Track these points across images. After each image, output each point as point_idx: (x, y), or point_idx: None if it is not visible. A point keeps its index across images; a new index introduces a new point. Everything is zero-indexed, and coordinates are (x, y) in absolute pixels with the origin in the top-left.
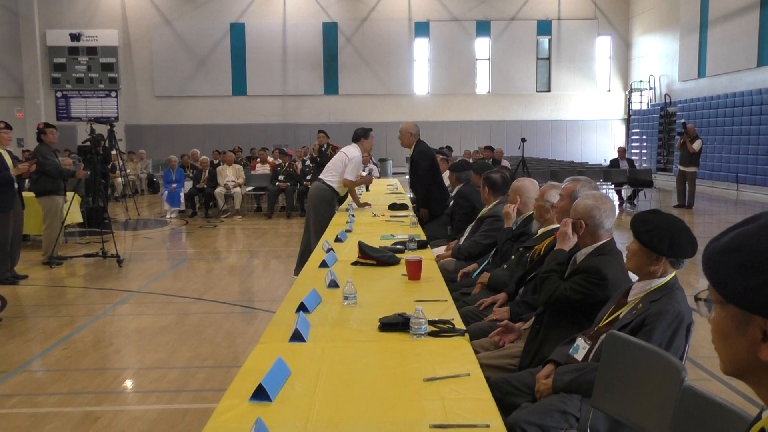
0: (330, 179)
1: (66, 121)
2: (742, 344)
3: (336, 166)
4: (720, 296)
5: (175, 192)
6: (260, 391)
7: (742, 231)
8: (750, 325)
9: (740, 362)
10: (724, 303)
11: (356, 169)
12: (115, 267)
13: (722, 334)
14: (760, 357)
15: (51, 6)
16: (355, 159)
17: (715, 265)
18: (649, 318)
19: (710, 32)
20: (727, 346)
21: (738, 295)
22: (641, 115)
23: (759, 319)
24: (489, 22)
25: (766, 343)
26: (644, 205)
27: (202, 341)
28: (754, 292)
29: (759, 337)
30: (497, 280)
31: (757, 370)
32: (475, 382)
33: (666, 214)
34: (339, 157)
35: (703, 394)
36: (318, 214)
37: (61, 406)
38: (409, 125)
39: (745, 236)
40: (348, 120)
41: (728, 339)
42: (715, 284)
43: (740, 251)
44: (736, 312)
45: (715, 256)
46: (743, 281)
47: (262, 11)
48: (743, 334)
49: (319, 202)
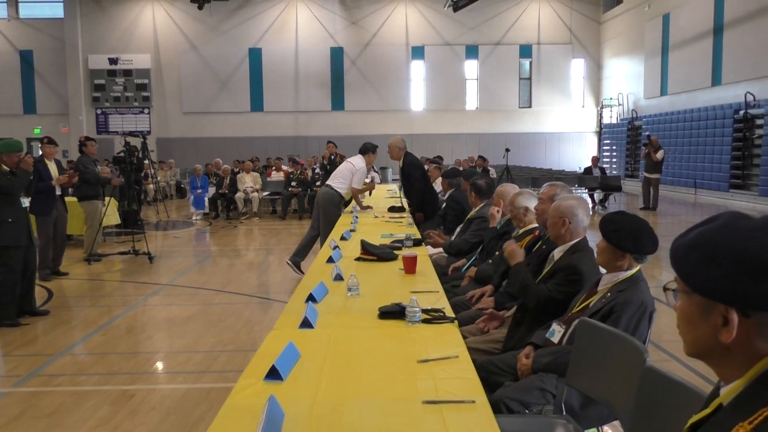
0: (338, 186)
1: (104, 135)
2: (705, 329)
3: (344, 174)
4: (686, 286)
5: (200, 197)
6: (273, 371)
7: (705, 229)
8: (713, 312)
9: (703, 345)
10: (690, 292)
11: (362, 179)
12: (146, 263)
13: (688, 320)
14: (720, 339)
15: (92, 34)
16: (362, 169)
17: (681, 259)
18: (616, 306)
19: (671, 56)
20: (691, 331)
21: (702, 285)
22: (611, 128)
23: (721, 306)
24: (477, 47)
25: (726, 327)
26: (614, 207)
27: (224, 328)
28: (717, 282)
29: (720, 322)
30: (483, 273)
31: (717, 352)
32: (462, 364)
33: (631, 216)
34: (346, 166)
35: (663, 373)
36: (327, 215)
37: (100, 385)
38: (397, 140)
39: (707, 233)
40: (353, 133)
41: (693, 324)
42: (682, 276)
43: (704, 247)
44: (701, 300)
45: (681, 251)
46: (707, 273)
47: (277, 37)
48: (706, 320)
49: (328, 204)
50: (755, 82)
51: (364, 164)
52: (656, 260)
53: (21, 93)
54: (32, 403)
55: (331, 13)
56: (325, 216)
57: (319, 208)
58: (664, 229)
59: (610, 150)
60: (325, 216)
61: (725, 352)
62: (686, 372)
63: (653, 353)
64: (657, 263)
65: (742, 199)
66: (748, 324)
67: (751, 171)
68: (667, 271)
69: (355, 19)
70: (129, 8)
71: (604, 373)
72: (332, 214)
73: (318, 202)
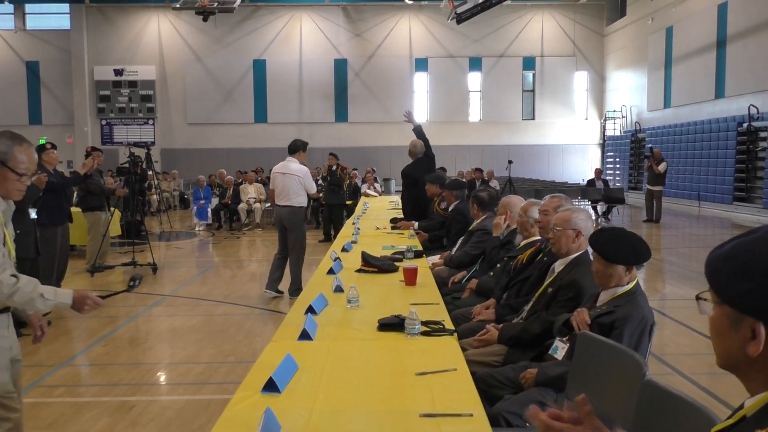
0: (298, 201)
1: (109, 145)
2: (734, 341)
3: (295, 187)
4: (717, 297)
5: (203, 207)
6: (271, 383)
7: (741, 241)
8: (742, 324)
9: (732, 357)
10: (721, 303)
11: (311, 179)
12: (149, 273)
13: (718, 331)
14: (748, 353)
15: (98, 46)
16: (305, 171)
17: (714, 270)
18: (617, 322)
19: (674, 69)
20: (721, 342)
21: (732, 297)
22: (614, 141)
23: (750, 319)
24: (480, 59)
25: (755, 340)
26: (617, 219)
27: (225, 339)
28: (747, 295)
29: (749, 335)
30: (484, 286)
31: (745, 365)
32: (461, 377)
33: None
34: (291, 179)
35: (662, 388)
36: (299, 232)
37: (100, 396)
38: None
39: (742, 246)
40: (357, 144)
41: (723, 336)
42: (713, 287)
43: (736, 259)
44: (731, 312)
45: (715, 263)
46: (738, 285)
47: (281, 49)
48: (736, 332)
49: (297, 224)
50: (759, 95)
51: (303, 166)
52: (658, 273)
53: (27, 104)
54: (32, 414)
55: (335, 26)
56: (297, 233)
57: (284, 229)
58: (668, 242)
59: (613, 162)
60: (297, 233)
61: (752, 365)
62: (688, 386)
63: (655, 366)
64: (659, 276)
65: (745, 212)
66: None
67: (754, 184)
68: (670, 285)
69: (359, 32)
70: (135, 20)
71: (603, 387)
72: (301, 230)
73: (283, 223)
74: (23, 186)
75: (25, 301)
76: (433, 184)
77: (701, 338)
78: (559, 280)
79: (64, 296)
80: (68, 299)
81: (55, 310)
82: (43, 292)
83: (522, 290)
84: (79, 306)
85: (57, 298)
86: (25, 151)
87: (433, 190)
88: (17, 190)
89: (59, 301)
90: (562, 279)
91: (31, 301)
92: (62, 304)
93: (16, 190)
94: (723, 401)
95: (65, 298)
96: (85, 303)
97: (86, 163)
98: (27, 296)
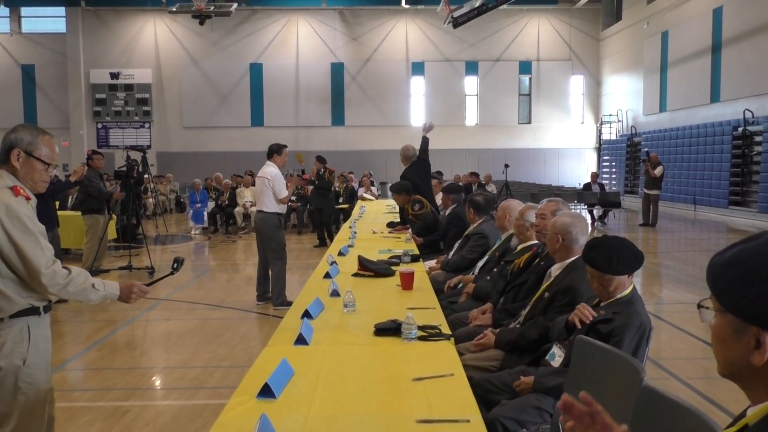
0: (269, 207)
1: (105, 149)
2: (737, 350)
3: (264, 192)
4: (720, 305)
5: (199, 211)
6: (266, 389)
7: (743, 248)
8: (746, 332)
9: (734, 365)
10: (723, 311)
11: (282, 184)
12: (145, 277)
13: (720, 340)
14: (752, 362)
15: (94, 49)
16: (275, 175)
17: (716, 277)
18: (616, 330)
19: (670, 73)
20: (724, 351)
21: (736, 304)
22: (611, 145)
23: (754, 327)
24: (477, 63)
25: (760, 349)
26: (613, 223)
27: (221, 344)
28: (751, 303)
29: (753, 344)
30: (481, 290)
31: (749, 374)
32: (458, 382)
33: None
34: (262, 183)
35: (659, 393)
36: (271, 241)
37: (94, 401)
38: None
39: (745, 252)
40: (353, 148)
41: (725, 344)
42: (716, 294)
43: (739, 265)
44: (734, 320)
45: (716, 269)
46: (741, 292)
47: (278, 53)
48: (739, 340)
49: (268, 229)
50: (754, 99)
51: (276, 169)
52: (654, 277)
53: (22, 107)
54: None
55: (332, 29)
56: (268, 241)
57: (260, 236)
58: (664, 246)
59: (609, 166)
60: (268, 241)
61: (755, 374)
62: (684, 390)
63: (651, 371)
64: (655, 280)
65: (741, 216)
66: None
67: (750, 188)
68: (667, 289)
69: (355, 35)
70: (131, 23)
71: (601, 392)
72: (275, 236)
73: (257, 229)
74: (48, 177)
75: (79, 291)
76: (399, 195)
77: (697, 342)
78: (556, 284)
79: (112, 287)
80: (116, 290)
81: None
82: (94, 282)
83: (519, 294)
84: (126, 296)
85: (106, 289)
86: (49, 141)
87: (402, 199)
88: (43, 181)
89: (108, 291)
90: (559, 283)
91: (84, 292)
92: (111, 295)
93: (42, 181)
94: (720, 406)
95: (113, 289)
96: (131, 292)
97: (77, 170)
98: (80, 287)
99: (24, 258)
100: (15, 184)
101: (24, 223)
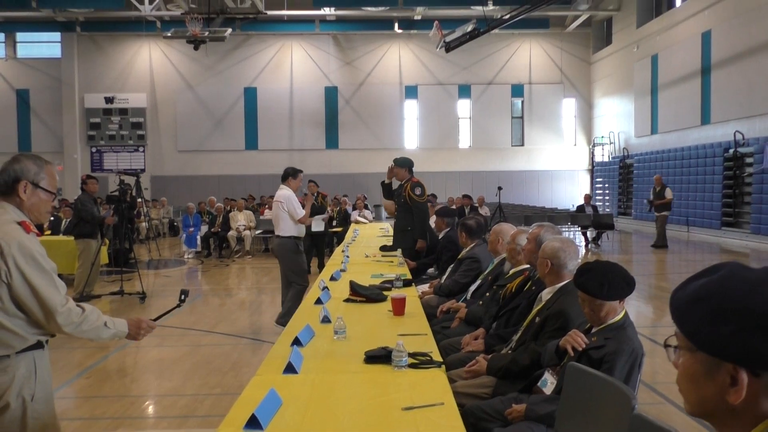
0: (285, 232)
1: (99, 173)
2: (710, 389)
3: (280, 216)
4: (690, 343)
5: (192, 235)
6: (253, 420)
7: (707, 281)
8: (719, 371)
9: (707, 405)
10: (694, 350)
11: (296, 205)
12: (136, 303)
13: (691, 379)
14: (728, 400)
15: (89, 73)
16: (289, 197)
17: (683, 315)
18: (607, 357)
19: (660, 95)
20: (694, 390)
21: (710, 343)
22: (603, 166)
23: (729, 365)
24: (470, 86)
25: (735, 387)
26: (607, 245)
27: (212, 371)
28: (725, 340)
29: (728, 381)
30: (474, 315)
31: (722, 413)
32: (448, 411)
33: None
34: (277, 207)
35: (651, 421)
36: (290, 265)
37: (82, 430)
38: None
39: (709, 286)
40: (347, 171)
41: (696, 383)
42: (685, 333)
43: (706, 301)
44: (706, 358)
45: (682, 306)
46: (713, 330)
47: (272, 77)
48: (712, 379)
49: (286, 253)
50: (744, 121)
51: (289, 191)
52: (649, 299)
53: (16, 131)
54: None
55: (325, 54)
56: (287, 264)
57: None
58: (659, 267)
59: (602, 188)
60: (287, 264)
61: (731, 412)
62: (680, 416)
63: (646, 395)
64: (650, 302)
65: (734, 237)
66: (757, 384)
67: (742, 209)
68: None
69: (349, 60)
70: (126, 48)
71: (592, 420)
72: (294, 261)
73: (275, 254)
74: (51, 207)
75: (92, 329)
76: (402, 168)
77: None
78: (546, 309)
79: (120, 325)
80: (125, 327)
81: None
82: (106, 320)
83: (511, 320)
84: (135, 333)
85: (116, 327)
86: (51, 170)
87: (403, 174)
88: (47, 211)
89: (118, 329)
90: (549, 308)
91: (96, 330)
92: (120, 333)
93: (46, 212)
94: None
95: (122, 326)
96: (140, 329)
97: None
98: (93, 325)
99: (39, 297)
100: (22, 218)
101: (38, 261)
